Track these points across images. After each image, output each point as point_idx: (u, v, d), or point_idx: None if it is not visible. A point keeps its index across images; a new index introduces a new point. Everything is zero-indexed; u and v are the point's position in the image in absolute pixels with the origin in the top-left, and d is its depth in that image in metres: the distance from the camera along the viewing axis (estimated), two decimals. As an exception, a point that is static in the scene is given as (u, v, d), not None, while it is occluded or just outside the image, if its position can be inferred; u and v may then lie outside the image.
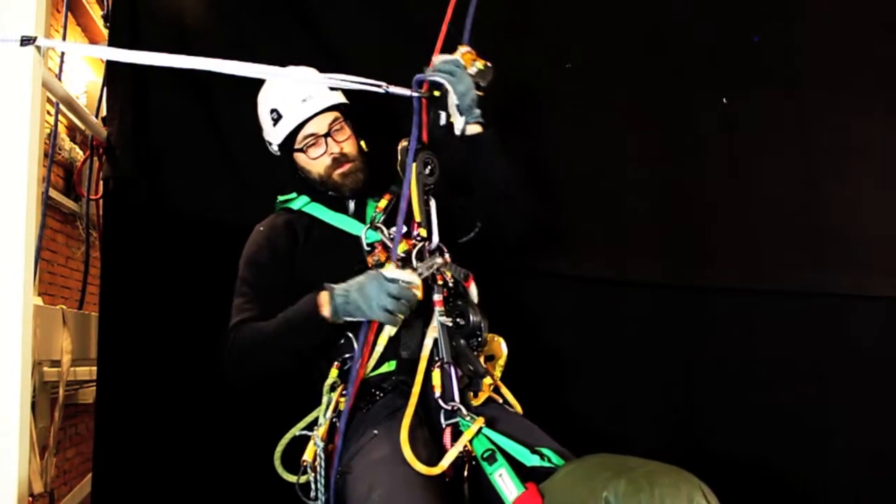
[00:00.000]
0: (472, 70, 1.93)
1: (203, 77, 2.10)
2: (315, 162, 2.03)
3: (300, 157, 2.05)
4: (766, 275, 2.62)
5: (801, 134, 2.67)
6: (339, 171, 2.02)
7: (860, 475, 2.55)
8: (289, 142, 2.05)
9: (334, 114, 2.04)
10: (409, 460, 1.52)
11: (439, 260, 1.77)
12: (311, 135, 2.02)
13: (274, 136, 2.07)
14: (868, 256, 2.61)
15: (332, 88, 2.04)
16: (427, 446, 1.64)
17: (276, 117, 2.04)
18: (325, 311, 1.73)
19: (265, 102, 2.08)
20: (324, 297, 1.74)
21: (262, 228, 2.06)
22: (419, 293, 1.69)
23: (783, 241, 2.62)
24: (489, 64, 1.97)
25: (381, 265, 1.83)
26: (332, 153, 2.02)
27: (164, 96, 2.52)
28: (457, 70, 1.90)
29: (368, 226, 1.98)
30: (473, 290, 1.90)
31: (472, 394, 1.77)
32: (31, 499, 2.01)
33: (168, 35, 2.49)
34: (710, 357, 2.62)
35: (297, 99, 2.01)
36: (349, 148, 2.04)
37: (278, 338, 1.81)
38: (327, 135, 2.01)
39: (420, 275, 1.72)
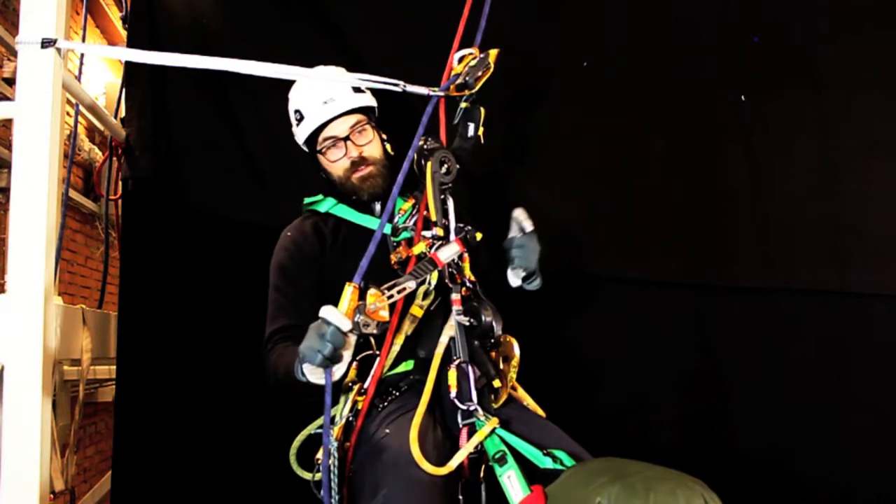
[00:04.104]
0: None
1: (220, 78, 2.10)
2: (334, 164, 2.02)
3: (321, 159, 2.05)
4: (786, 274, 2.58)
5: (821, 132, 2.63)
6: (357, 174, 2.00)
7: (883, 475, 2.51)
8: (311, 142, 2.06)
9: (357, 117, 2.02)
10: (417, 460, 1.51)
11: (412, 284, 1.62)
12: (331, 137, 2.01)
13: (298, 135, 2.08)
14: (890, 255, 2.57)
15: (357, 90, 2.03)
16: (438, 447, 1.63)
17: (299, 118, 2.05)
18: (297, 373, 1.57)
19: (291, 101, 2.09)
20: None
21: (289, 234, 2.04)
22: (352, 339, 1.51)
23: (804, 239, 2.59)
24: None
25: (404, 263, 1.82)
26: (350, 157, 2.00)
27: (182, 97, 2.54)
28: (525, 244, 1.92)
29: (392, 230, 1.95)
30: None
31: (493, 395, 1.75)
32: (52, 496, 2.03)
33: (186, 36, 2.51)
34: (730, 357, 2.60)
35: (318, 100, 2.00)
36: (370, 151, 2.02)
37: (288, 384, 1.68)
38: (347, 138, 2.00)
39: (390, 298, 1.56)
